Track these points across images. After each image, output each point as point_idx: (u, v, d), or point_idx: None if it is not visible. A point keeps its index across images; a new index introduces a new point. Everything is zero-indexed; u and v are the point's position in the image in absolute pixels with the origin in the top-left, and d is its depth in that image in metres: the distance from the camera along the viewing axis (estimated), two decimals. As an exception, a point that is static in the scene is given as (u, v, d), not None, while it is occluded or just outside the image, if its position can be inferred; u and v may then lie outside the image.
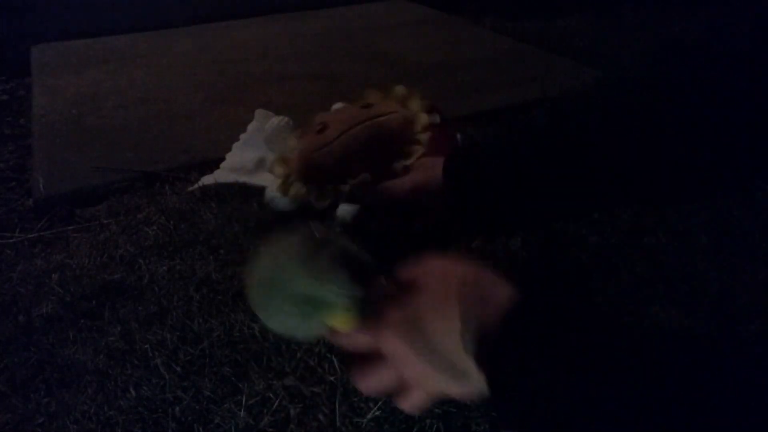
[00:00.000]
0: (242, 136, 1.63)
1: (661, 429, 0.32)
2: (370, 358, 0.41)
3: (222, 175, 1.56)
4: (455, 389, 0.38)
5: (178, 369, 1.04)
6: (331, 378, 0.99)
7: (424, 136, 0.57)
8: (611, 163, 0.49)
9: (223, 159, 1.61)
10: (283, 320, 0.40)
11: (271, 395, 0.98)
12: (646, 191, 0.51)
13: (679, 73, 0.50)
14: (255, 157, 1.58)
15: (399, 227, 0.53)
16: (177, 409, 0.97)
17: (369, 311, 0.40)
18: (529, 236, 1.42)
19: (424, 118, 0.58)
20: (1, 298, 1.23)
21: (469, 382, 0.37)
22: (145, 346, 1.09)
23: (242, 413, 0.96)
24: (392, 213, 0.53)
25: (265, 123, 1.54)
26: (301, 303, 0.39)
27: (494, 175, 0.49)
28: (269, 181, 1.50)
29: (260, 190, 1.49)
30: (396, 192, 0.52)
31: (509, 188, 0.49)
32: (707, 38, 0.53)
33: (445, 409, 0.95)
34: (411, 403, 0.41)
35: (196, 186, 1.55)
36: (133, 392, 1.01)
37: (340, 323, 0.40)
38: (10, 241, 1.42)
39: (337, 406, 0.96)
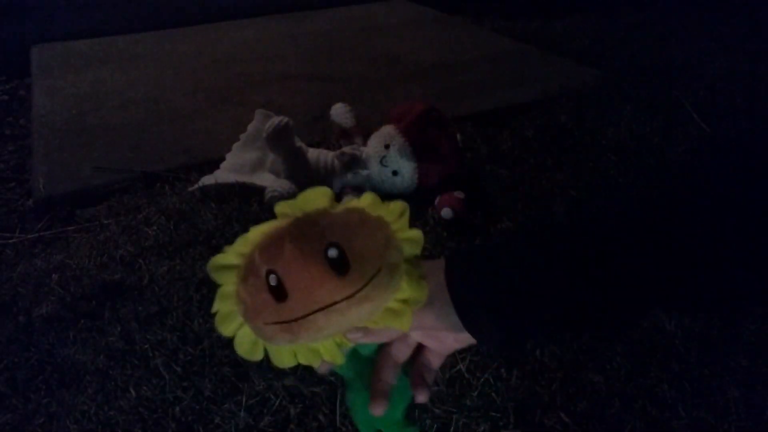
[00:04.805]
0: (242, 136, 1.63)
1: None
2: None
3: (222, 175, 1.56)
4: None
5: (178, 369, 1.04)
6: (331, 378, 0.99)
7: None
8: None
9: (223, 159, 1.61)
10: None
11: (271, 395, 0.98)
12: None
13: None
14: (255, 157, 1.58)
15: None
16: (177, 409, 0.97)
17: None
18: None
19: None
20: (1, 298, 1.23)
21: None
22: (145, 346, 1.09)
23: (242, 413, 0.96)
24: None
25: (265, 123, 1.54)
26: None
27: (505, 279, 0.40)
28: (269, 181, 1.51)
29: (260, 190, 1.49)
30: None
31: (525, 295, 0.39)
32: None
33: (445, 409, 0.95)
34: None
35: (196, 186, 1.55)
36: (133, 392, 1.01)
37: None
38: (10, 241, 1.42)
39: (337, 406, 0.96)
